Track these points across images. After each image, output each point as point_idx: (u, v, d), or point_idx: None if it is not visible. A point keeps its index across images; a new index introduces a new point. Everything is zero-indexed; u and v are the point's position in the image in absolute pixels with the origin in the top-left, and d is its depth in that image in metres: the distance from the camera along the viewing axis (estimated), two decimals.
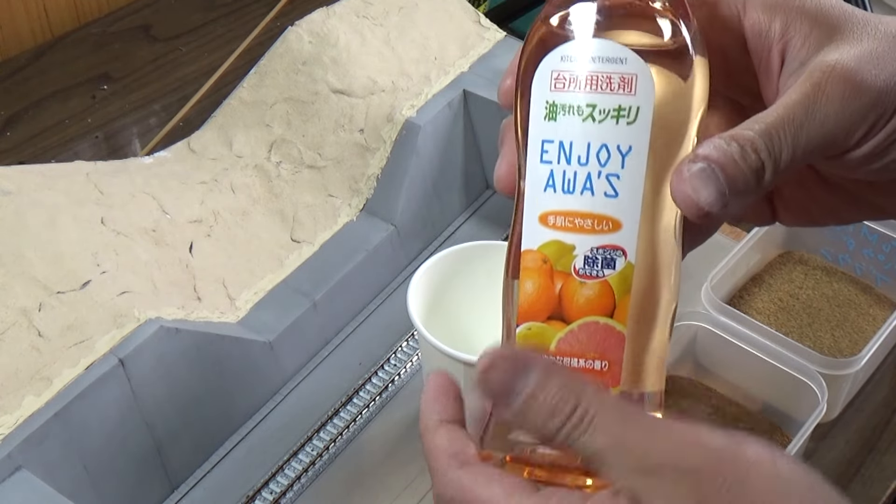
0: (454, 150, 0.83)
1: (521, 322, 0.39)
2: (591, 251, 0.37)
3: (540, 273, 0.38)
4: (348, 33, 0.82)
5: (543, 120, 0.38)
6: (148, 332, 0.64)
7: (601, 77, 0.37)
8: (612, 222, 0.37)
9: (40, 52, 1.05)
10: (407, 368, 0.75)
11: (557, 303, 0.38)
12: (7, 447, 0.58)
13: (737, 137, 0.37)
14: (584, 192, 0.37)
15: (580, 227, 0.37)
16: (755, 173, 0.37)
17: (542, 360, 0.36)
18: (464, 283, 0.71)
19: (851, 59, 0.38)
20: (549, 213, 0.38)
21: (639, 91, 0.36)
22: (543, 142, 0.38)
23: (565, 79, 0.37)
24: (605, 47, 0.37)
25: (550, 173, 0.38)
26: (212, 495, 0.68)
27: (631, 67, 0.36)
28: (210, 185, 0.77)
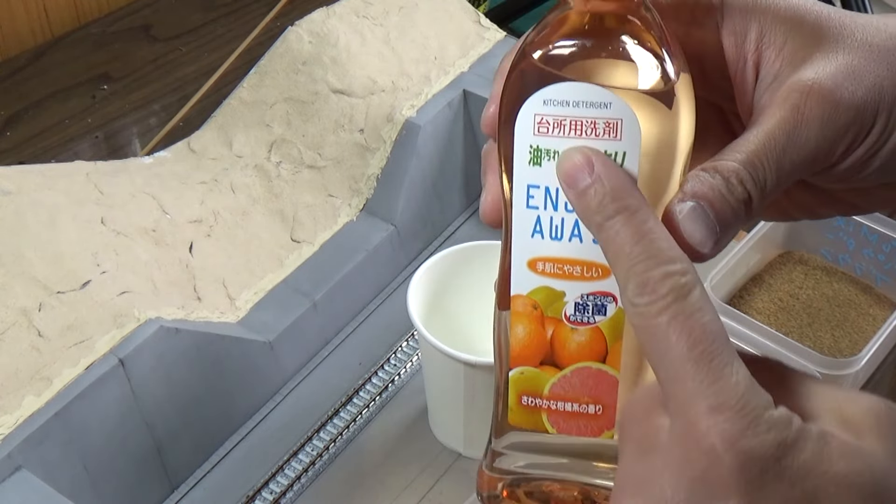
0: (454, 150, 0.83)
1: (513, 366, 0.39)
2: (582, 298, 0.37)
3: (531, 319, 0.38)
4: (348, 33, 0.82)
5: (528, 164, 0.36)
6: (148, 332, 0.64)
7: (585, 122, 0.35)
8: (602, 269, 0.37)
9: (40, 52, 1.05)
10: (407, 368, 0.75)
11: (549, 348, 0.38)
12: (7, 447, 0.58)
13: (721, 170, 0.36)
14: (573, 238, 0.37)
15: (570, 274, 0.37)
16: (743, 204, 0.36)
17: None
18: (464, 283, 0.71)
19: (828, 76, 0.37)
20: (538, 260, 0.37)
21: (624, 136, 0.35)
22: (529, 186, 0.37)
23: (549, 123, 0.36)
24: (589, 91, 0.35)
25: (537, 219, 0.37)
26: (212, 495, 0.68)
27: (615, 112, 0.35)
28: (210, 185, 0.77)
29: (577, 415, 0.38)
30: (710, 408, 0.32)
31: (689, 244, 0.36)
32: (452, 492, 0.68)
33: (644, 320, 0.33)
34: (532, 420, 0.39)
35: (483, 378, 0.65)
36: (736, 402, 0.32)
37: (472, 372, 0.64)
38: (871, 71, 0.38)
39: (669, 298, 0.33)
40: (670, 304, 0.33)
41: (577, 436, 0.38)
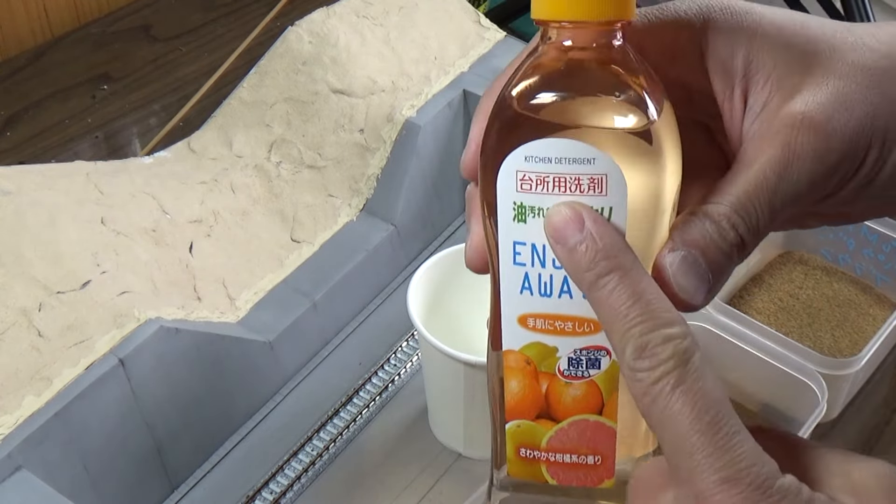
0: (454, 150, 0.83)
1: (509, 419, 0.38)
2: (575, 353, 0.36)
3: (524, 374, 0.37)
4: (348, 33, 0.82)
5: (513, 221, 0.36)
6: (148, 332, 0.64)
7: (569, 179, 0.34)
8: (594, 324, 0.36)
9: (40, 52, 1.05)
10: (407, 368, 0.75)
11: (544, 402, 0.37)
12: (7, 447, 0.58)
13: (711, 214, 0.35)
14: (563, 294, 0.36)
15: (561, 330, 0.36)
16: (735, 248, 0.35)
17: None
18: (464, 283, 0.71)
19: (819, 107, 0.36)
20: (529, 316, 0.37)
21: (610, 191, 0.34)
22: (515, 243, 0.36)
23: (532, 180, 0.35)
24: (572, 147, 0.34)
25: (525, 276, 0.36)
26: (212, 495, 0.68)
27: (600, 167, 0.34)
28: (210, 185, 0.77)
29: (575, 466, 0.38)
30: (721, 480, 0.32)
31: (681, 296, 0.35)
32: (452, 492, 0.68)
33: (645, 387, 0.33)
34: (531, 471, 0.38)
35: (483, 378, 0.64)
36: (746, 473, 0.32)
37: (472, 372, 0.64)
38: (863, 98, 0.36)
39: (671, 364, 0.32)
40: (672, 370, 0.32)
41: (577, 485, 0.38)
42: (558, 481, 0.38)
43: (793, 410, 0.71)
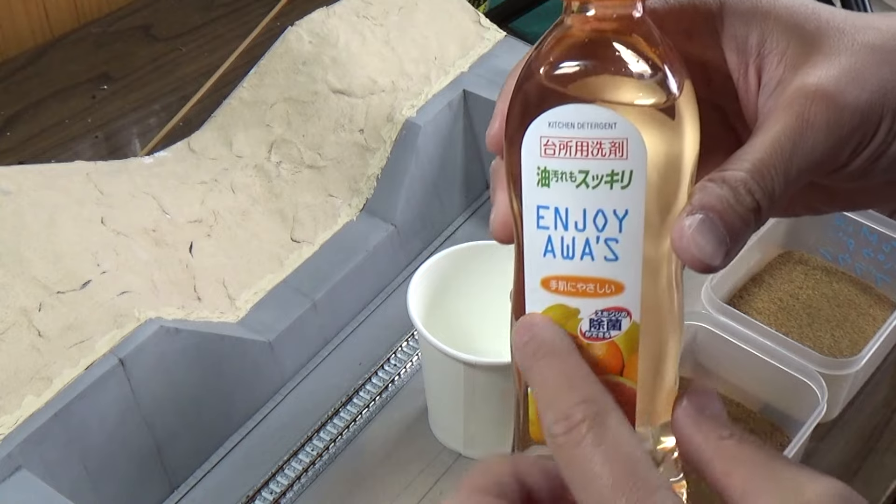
0: (454, 150, 0.83)
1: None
2: (596, 314, 0.37)
3: None
4: (348, 33, 0.82)
5: (537, 185, 0.37)
6: (148, 332, 0.64)
7: (591, 143, 0.36)
8: (615, 285, 0.37)
9: (40, 52, 1.05)
10: (407, 368, 0.75)
11: None
12: (7, 447, 0.58)
13: (728, 180, 0.36)
14: (585, 257, 0.37)
15: (583, 292, 0.37)
16: (752, 213, 0.36)
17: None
18: (464, 283, 0.71)
19: (832, 81, 0.37)
20: (551, 278, 0.38)
21: (630, 154, 0.36)
22: (538, 207, 0.37)
23: (555, 145, 0.36)
24: (593, 113, 0.36)
25: (548, 239, 0.37)
26: (212, 495, 0.68)
27: (620, 132, 0.35)
28: (210, 185, 0.77)
29: None
30: None
31: (700, 258, 0.36)
32: (452, 492, 0.68)
33: (563, 451, 0.34)
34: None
35: (483, 378, 0.65)
36: None
37: (472, 372, 0.64)
38: (874, 73, 0.38)
39: (585, 426, 0.34)
40: (587, 431, 0.34)
41: None
42: None
43: (793, 410, 0.71)
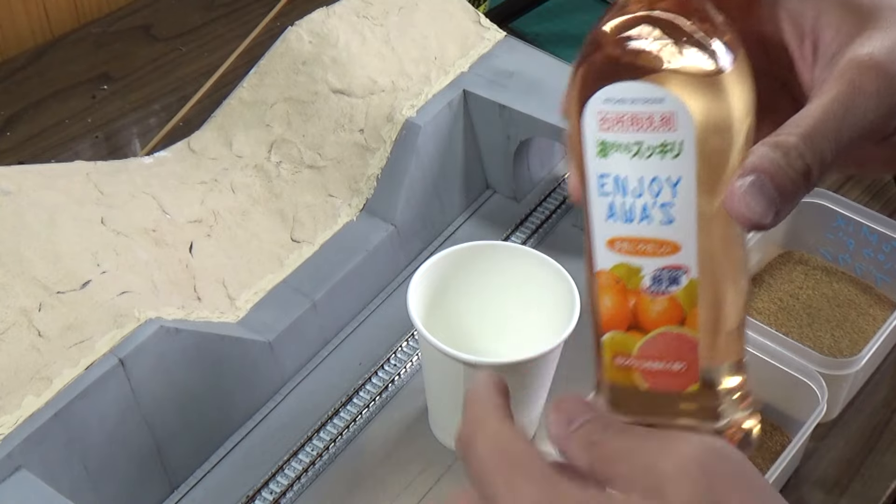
0: (454, 150, 0.83)
1: (605, 331, 0.42)
2: (657, 272, 0.41)
3: (614, 291, 0.42)
4: (348, 33, 0.82)
5: (597, 156, 0.40)
6: (148, 332, 0.64)
7: (642, 117, 0.39)
8: (672, 246, 0.40)
9: (40, 52, 1.05)
10: (407, 368, 0.75)
11: (633, 316, 0.41)
12: (7, 447, 0.58)
13: (781, 145, 0.38)
14: (643, 220, 0.40)
15: (643, 252, 0.41)
16: (803, 177, 0.38)
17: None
18: (464, 283, 0.71)
19: (883, 52, 0.39)
20: (615, 240, 0.41)
21: (679, 126, 0.39)
22: (600, 176, 0.41)
23: (610, 119, 0.40)
24: (643, 89, 0.39)
25: (610, 204, 0.41)
26: (212, 495, 0.68)
27: (669, 106, 0.38)
28: (210, 185, 0.77)
29: (663, 372, 0.41)
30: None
31: (749, 216, 0.38)
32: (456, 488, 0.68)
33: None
34: (625, 377, 0.42)
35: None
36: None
37: (472, 372, 0.64)
38: None
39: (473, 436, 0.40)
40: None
41: (666, 389, 0.42)
42: (650, 386, 0.42)
43: (793, 410, 0.71)
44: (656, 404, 0.42)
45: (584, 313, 0.68)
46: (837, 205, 0.81)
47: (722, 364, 0.42)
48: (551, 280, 0.69)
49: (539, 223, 0.85)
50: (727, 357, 0.42)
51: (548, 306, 0.69)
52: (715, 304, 0.41)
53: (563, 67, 0.85)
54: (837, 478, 0.72)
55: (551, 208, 0.86)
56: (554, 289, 0.68)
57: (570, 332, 0.64)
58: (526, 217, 0.86)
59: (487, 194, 0.88)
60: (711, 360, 0.41)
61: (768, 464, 0.68)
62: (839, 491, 0.71)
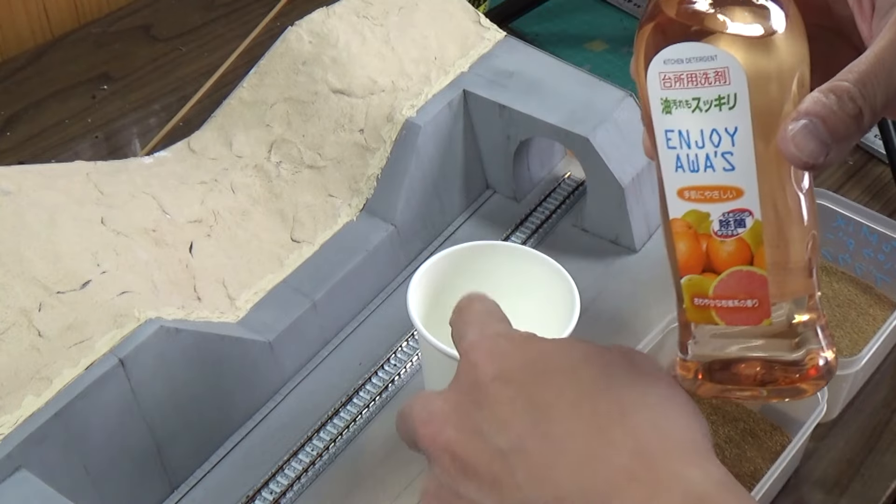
0: (454, 150, 0.83)
1: (682, 275, 0.47)
2: (724, 216, 0.44)
3: (687, 236, 0.46)
4: (348, 33, 0.82)
5: (662, 113, 0.45)
6: (148, 332, 0.64)
7: (698, 74, 0.43)
8: (736, 191, 0.44)
9: (40, 52, 1.05)
10: (407, 368, 0.75)
11: (706, 258, 0.45)
12: (7, 447, 0.58)
13: (834, 90, 0.41)
14: (707, 169, 0.44)
15: (710, 198, 0.44)
16: (854, 119, 0.41)
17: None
18: (464, 283, 0.70)
19: None
20: (684, 189, 0.45)
21: (732, 80, 0.43)
22: (666, 131, 0.45)
23: (671, 79, 0.44)
24: (697, 49, 0.43)
25: (677, 157, 0.45)
26: (212, 495, 0.68)
27: (721, 62, 0.43)
28: (210, 185, 0.77)
29: (738, 309, 0.45)
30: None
31: (800, 157, 0.41)
32: None
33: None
34: (704, 316, 0.46)
35: None
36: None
37: None
38: None
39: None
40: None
41: (742, 325, 0.45)
42: (726, 323, 0.46)
43: (793, 410, 0.71)
44: (735, 341, 0.46)
45: (584, 313, 0.68)
46: (837, 205, 0.81)
47: (793, 299, 0.45)
48: (551, 280, 0.69)
49: (539, 223, 0.85)
50: (797, 292, 0.46)
51: (548, 306, 0.69)
52: (780, 243, 0.45)
53: (563, 67, 0.85)
54: (837, 478, 0.71)
55: (551, 208, 0.86)
56: (554, 289, 0.68)
57: (570, 332, 0.64)
58: (526, 217, 0.86)
59: (487, 194, 0.88)
60: (782, 296, 0.45)
61: (768, 464, 0.68)
62: (839, 491, 0.71)
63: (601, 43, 1.11)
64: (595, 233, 0.85)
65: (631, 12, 1.15)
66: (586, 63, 1.06)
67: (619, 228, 0.83)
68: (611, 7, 1.15)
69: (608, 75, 0.91)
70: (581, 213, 0.85)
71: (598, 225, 0.84)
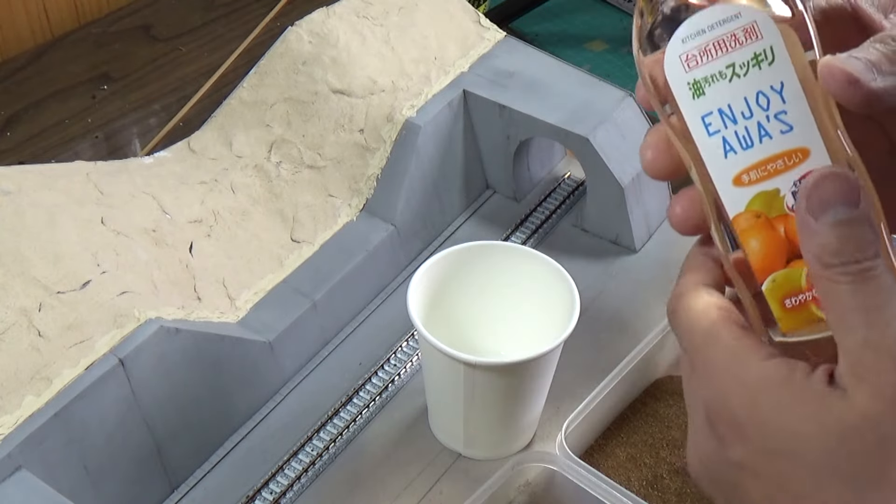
0: (454, 150, 0.83)
1: (762, 279, 0.40)
2: (795, 185, 0.40)
3: (759, 228, 0.40)
4: (348, 33, 0.82)
5: (693, 99, 0.40)
6: (148, 332, 0.64)
7: (726, 38, 0.39)
8: (801, 152, 0.40)
9: (40, 52, 1.05)
10: (407, 368, 0.75)
11: (788, 244, 0.40)
12: (7, 447, 0.58)
13: (877, 38, 0.40)
14: (763, 139, 0.40)
15: (776, 171, 0.40)
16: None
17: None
18: (464, 283, 0.71)
19: None
20: (742, 173, 0.40)
21: (764, 33, 0.39)
22: (703, 118, 0.40)
23: (695, 55, 0.40)
24: (717, 13, 0.40)
25: (723, 140, 0.40)
26: (212, 495, 0.68)
27: (747, 18, 0.39)
28: (210, 185, 0.77)
29: None
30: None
31: (848, 73, 0.38)
32: (452, 492, 0.68)
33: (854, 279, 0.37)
34: (802, 317, 0.40)
35: (483, 378, 0.65)
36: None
37: (472, 372, 0.64)
38: None
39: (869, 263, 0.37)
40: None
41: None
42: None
43: None
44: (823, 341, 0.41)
45: (584, 313, 0.68)
46: None
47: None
48: (551, 280, 0.69)
49: (539, 223, 0.85)
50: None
51: (548, 306, 0.69)
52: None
53: (563, 67, 0.86)
54: None
55: (551, 208, 0.86)
56: (554, 289, 0.68)
57: (570, 332, 0.64)
58: (526, 217, 0.86)
59: (487, 194, 0.88)
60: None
61: None
62: None
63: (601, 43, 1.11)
64: (595, 233, 0.85)
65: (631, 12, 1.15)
66: (586, 63, 1.06)
67: (619, 228, 0.83)
68: (611, 7, 1.15)
69: (608, 75, 0.91)
70: (581, 213, 0.85)
71: (598, 225, 0.84)
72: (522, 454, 0.69)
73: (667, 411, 0.72)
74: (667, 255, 0.83)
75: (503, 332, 0.72)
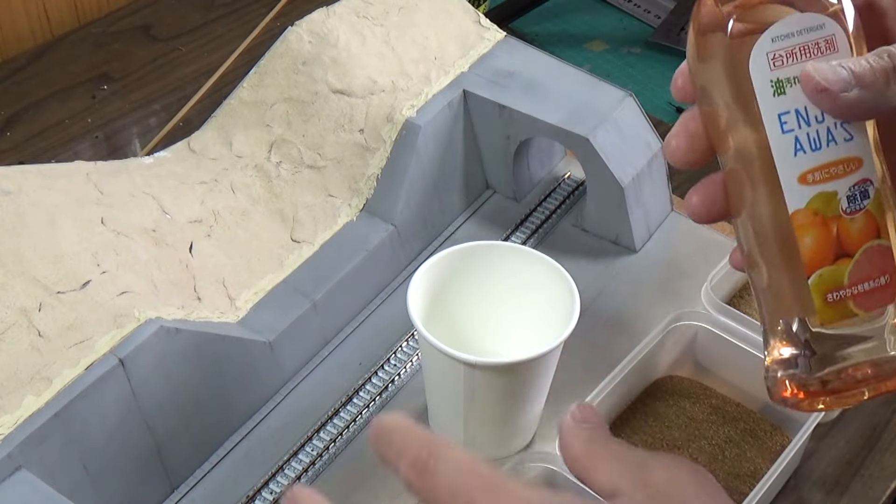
0: (454, 150, 0.83)
1: (810, 273, 0.44)
2: (850, 190, 0.43)
3: (815, 225, 0.44)
4: (348, 33, 0.82)
5: (773, 97, 0.43)
6: (148, 332, 0.64)
7: (810, 45, 0.43)
8: (857, 161, 0.43)
9: (40, 52, 1.05)
10: (407, 368, 0.75)
11: (838, 243, 0.43)
12: (7, 447, 0.58)
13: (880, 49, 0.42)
14: (830, 143, 0.43)
15: (836, 175, 0.43)
16: (884, 73, 0.42)
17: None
18: (464, 283, 0.71)
19: None
20: (807, 173, 0.43)
21: (840, 48, 0.43)
22: (780, 115, 0.43)
23: (782, 56, 0.43)
24: (807, 20, 0.43)
25: (795, 140, 0.43)
26: (212, 495, 0.68)
27: (829, 30, 0.43)
28: (210, 185, 0.77)
29: (873, 290, 0.44)
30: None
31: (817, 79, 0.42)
32: None
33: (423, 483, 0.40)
34: (840, 311, 0.44)
35: (483, 378, 0.65)
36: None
37: (472, 372, 0.64)
38: None
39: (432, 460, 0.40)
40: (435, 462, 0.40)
41: (878, 308, 0.44)
42: (865, 309, 0.44)
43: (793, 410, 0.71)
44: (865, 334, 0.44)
45: (584, 313, 0.68)
46: None
47: None
48: (551, 280, 0.69)
49: (539, 223, 0.85)
50: None
51: (548, 306, 0.69)
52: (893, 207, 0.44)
53: (563, 67, 0.86)
54: (837, 478, 0.71)
55: (551, 208, 0.86)
56: (554, 289, 0.68)
57: (570, 332, 0.64)
58: (526, 217, 0.86)
59: (487, 194, 0.88)
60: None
61: (768, 464, 0.68)
62: (839, 491, 0.71)
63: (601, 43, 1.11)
64: (595, 233, 0.85)
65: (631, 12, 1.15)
66: (586, 63, 1.06)
67: (619, 228, 0.83)
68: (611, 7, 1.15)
69: (608, 75, 0.91)
70: (581, 213, 0.85)
71: (598, 225, 0.84)
72: (522, 454, 0.69)
73: (667, 411, 0.72)
74: (667, 255, 0.83)
75: (503, 332, 0.72)
